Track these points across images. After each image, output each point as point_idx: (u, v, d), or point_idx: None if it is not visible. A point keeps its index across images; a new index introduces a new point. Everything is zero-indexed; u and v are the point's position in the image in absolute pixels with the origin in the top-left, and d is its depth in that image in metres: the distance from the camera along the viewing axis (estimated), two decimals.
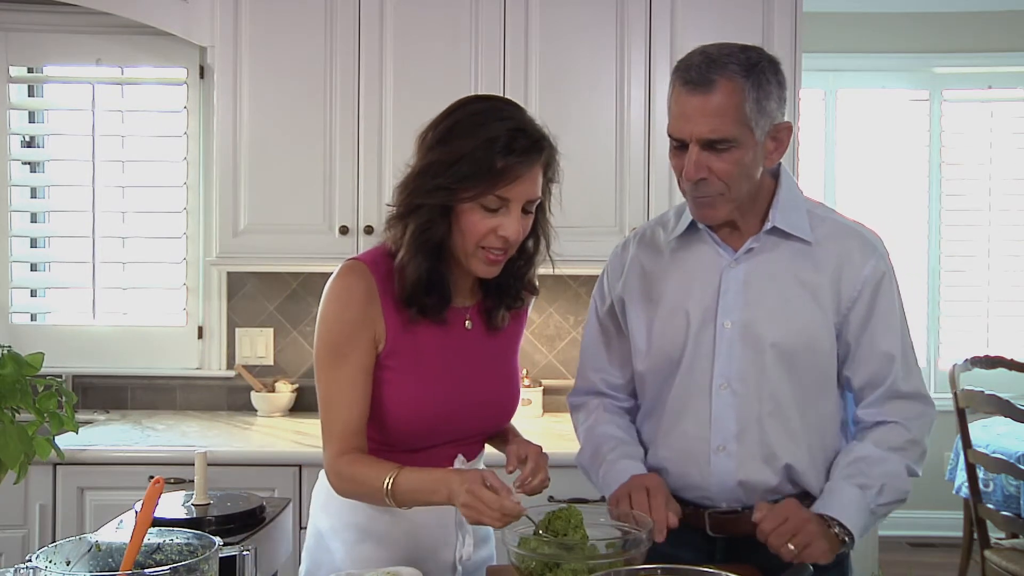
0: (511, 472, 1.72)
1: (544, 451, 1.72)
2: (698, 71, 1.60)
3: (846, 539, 1.59)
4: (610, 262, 1.89)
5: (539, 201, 1.64)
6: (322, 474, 1.81)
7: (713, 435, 1.71)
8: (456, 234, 1.61)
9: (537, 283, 1.81)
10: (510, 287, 1.74)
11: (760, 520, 1.57)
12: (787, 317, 1.69)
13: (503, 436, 1.83)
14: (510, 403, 1.81)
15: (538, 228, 1.69)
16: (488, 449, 1.85)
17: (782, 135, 1.67)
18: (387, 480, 1.56)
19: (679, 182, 1.68)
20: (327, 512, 1.77)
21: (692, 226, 1.76)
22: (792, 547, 1.51)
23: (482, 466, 1.84)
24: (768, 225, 1.70)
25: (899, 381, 1.70)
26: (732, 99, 1.59)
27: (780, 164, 1.76)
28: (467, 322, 1.73)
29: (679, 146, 1.65)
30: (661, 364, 1.76)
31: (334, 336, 1.64)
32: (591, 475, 1.85)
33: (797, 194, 1.75)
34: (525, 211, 1.62)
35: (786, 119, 1.68)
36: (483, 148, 1.55)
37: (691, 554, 1.67)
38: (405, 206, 1.63)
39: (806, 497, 1.70)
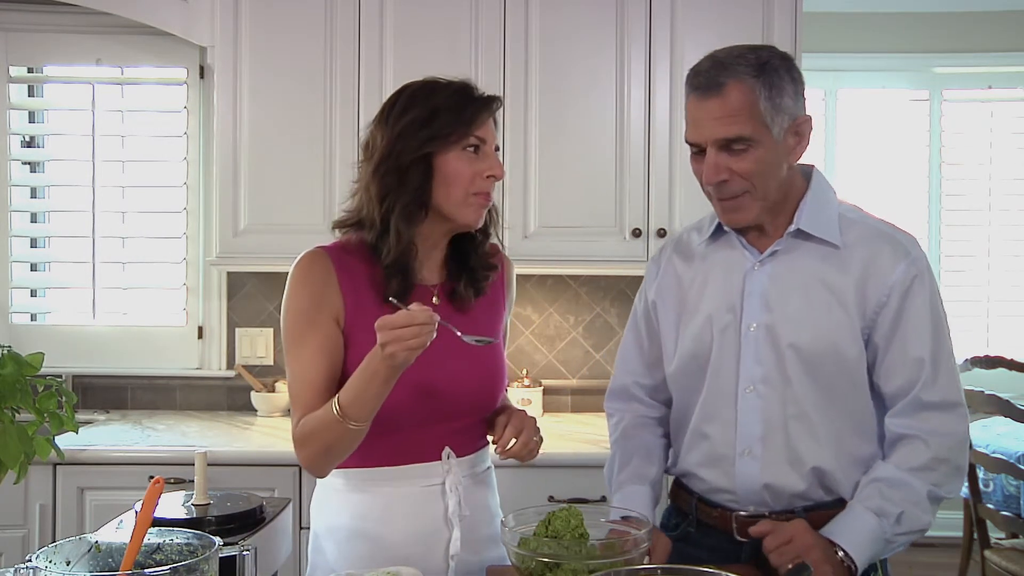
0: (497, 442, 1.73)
1: (531, 415, 1.75)
2: (707, 76, 1.61)
3: (852, 566, 1.56)
4: (648, 266, 1.92)
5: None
6: None
7: (739, 438, 1.70)
8: (442, 191, 1.68)
9: (508, 253, 1.89)
10: (476, 265, 1.79)
11: (763, 534, 1.58)
12: (810, 320, 1.67)
13: (498, 415, 1.80)
14: (490, 378, 1.79)
15: None
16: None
17: (803, 128, 1.66)
18: (333, 404, 1.58)
19: (703, 188, 1.69)
20: (321, 513, 1.79)
21: (719, 229, 1.77)
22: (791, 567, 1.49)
23: (488, 463, 1.85)
24: (792, 227, 1.69)
25: (924, 390, 1.65)
26: (744, 99, 1.59)
27: (813, 167, 1.75)
28: (434, 298, 1.75)
29: (698, 152, 1.66)
30: (688, 367, 1.77)
31: (291, 322, 1.76)
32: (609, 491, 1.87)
33: (829, 197, 1.73)
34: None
35: (806, 113, 1.67)
36: (453, 97, 1.69)
37: (716, 557, 1.66)
38: (390, 178, 1.68)
39: (842, 504, 1.67)
